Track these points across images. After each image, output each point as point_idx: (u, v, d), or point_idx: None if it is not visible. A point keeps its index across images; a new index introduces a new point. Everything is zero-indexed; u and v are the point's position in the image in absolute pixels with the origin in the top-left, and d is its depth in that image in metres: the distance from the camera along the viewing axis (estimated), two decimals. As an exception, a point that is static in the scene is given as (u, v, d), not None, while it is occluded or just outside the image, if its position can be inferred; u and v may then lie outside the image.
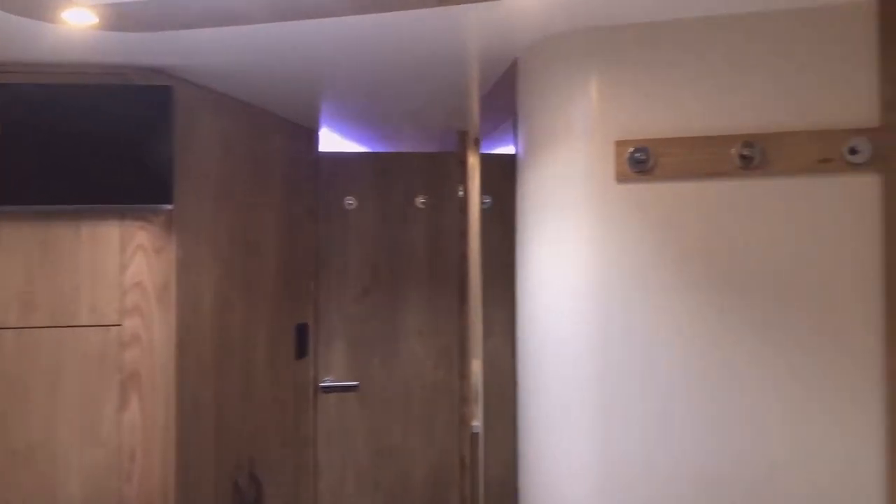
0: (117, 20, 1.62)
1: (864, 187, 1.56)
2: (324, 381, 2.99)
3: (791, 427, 1.59)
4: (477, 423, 2.88)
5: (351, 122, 2.96)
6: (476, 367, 2.97)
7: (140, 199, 1.97)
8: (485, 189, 2.67)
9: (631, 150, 1.67)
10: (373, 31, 1.73)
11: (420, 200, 3.08)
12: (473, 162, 3.09)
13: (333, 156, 3.07)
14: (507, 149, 2.22)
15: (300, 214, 2.87)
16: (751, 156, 1.59)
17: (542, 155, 1.85)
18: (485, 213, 2.65)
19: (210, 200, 2.25)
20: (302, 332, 2.88)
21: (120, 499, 1.99)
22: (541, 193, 1.86)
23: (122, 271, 2.00)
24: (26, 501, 1.95)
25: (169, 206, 1.99)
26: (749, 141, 1.60)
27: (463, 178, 3.11)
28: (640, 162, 1.67)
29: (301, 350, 2.87)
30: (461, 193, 3.08)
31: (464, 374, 3.09)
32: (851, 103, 1.56)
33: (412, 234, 3.07)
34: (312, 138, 2.98)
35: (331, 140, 3.25)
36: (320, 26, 1.67)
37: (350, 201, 3.03)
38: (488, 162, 2.72)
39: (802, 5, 1.58)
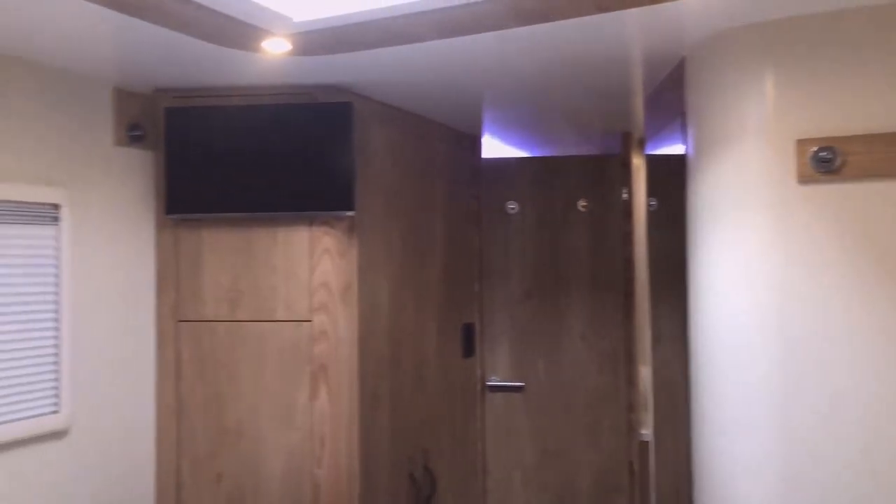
0: (307, 46, 1.81)
1: None
2: (490, 380, 3.08)
3: None
4: (646, 431, 2.82)
5: (512, 127, 3.03)
6: (645, 373, 2.90)
7: (326, 206, 2.17)
8: (650, 191, 2.61)
9: (814, 149, 1.58)
10: (531, 41, 1.78)
11: (582, 204, 3.08)
12: (638, 163, 3.03)
13: (495, 161, 3.16)
14: (673, 149, 2.17)
15: (464, 219, 2.99)
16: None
17: (714, 155, 1.79)
18: (651, 215, 2.58)
19: (383, 207, 2.42)
20: (468, 332, 2.99)
21: (313, 480, 2.19)
22: (714, 195, 1.80)
23: (311, 272, 2.21)
24: (235, 475, 2.22)
25: (351, 213, 2.17)
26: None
27: (626, 181, 3.06)
28: (825, 161, 1.57)
29: (468, 349, 2.98)
30: (625, 196, 3.03)
31: (630, 380, 3.04)
32: None
33: (574, 237, 3.08)
34: (475, 145, 3.09)
35: (492, 146, 3.35)
36: (479, 40, 1.75)
37: (512, 206, 3.10)
38: (653, 163, 2.66)
39: None
